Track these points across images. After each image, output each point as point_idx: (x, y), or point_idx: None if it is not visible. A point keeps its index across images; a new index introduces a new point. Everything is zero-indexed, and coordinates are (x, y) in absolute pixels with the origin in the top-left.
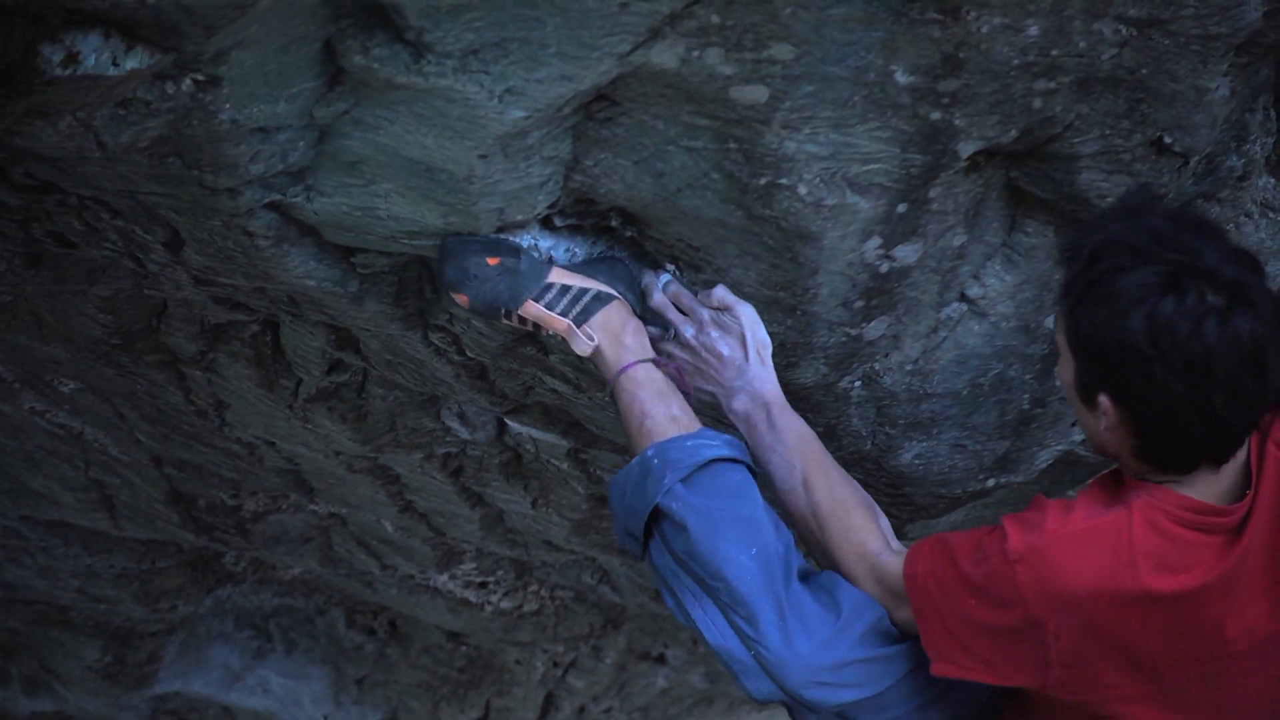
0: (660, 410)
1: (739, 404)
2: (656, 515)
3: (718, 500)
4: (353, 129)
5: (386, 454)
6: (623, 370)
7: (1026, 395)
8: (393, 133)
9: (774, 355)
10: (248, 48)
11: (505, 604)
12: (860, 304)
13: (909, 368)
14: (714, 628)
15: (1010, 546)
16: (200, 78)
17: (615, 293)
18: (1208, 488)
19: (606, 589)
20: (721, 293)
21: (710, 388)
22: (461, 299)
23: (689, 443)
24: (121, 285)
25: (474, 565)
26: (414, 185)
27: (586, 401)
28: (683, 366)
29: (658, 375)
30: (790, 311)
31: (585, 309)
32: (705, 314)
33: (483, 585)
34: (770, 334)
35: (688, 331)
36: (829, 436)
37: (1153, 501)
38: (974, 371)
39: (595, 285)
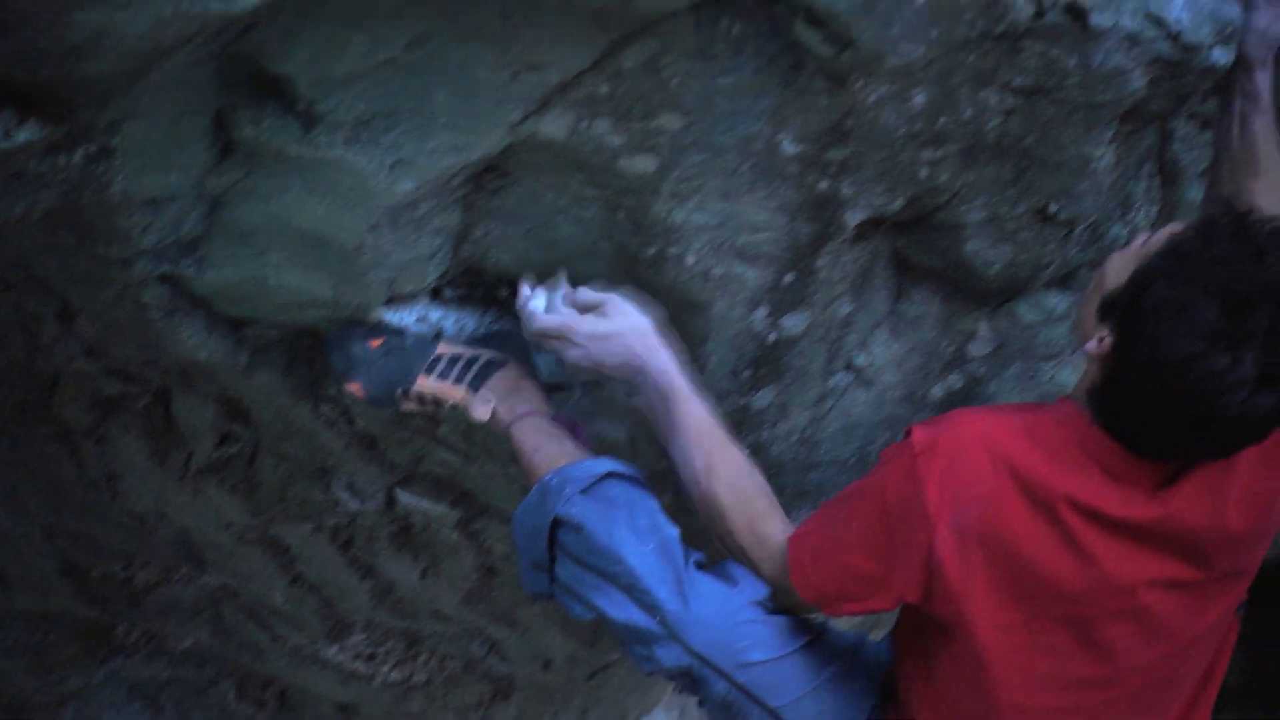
0: (555, 446)
1: (641, 400)
2: (555, 531)
3: (616, 507)
4: (244, 200)
5: (277, 525)
6: (518, 417)
7: None
8: (284, 203)
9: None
10: (140, 119)
11: (395, 675)
12: (748, 373)
13: (796, 437)
14: (618, 607)
15: (914, 440)
16: (93, 149)
17: (508, 357)
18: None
19: (496, 659)
20: (585, 295)
21: (620, 390)
22: (355, 388)
23: (586, 463)
24: (13, 356)
25: (364, 636)
26: (305, 256)
27: (476, 471)
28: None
29: (550, 423)
30: None
31: (479, 374)
32: (580, 328)
33: (372, 656)
34: None
35: (573, 354)
36: None
37: (1080, 427)
38: (861, 440)
39: (486, 352)
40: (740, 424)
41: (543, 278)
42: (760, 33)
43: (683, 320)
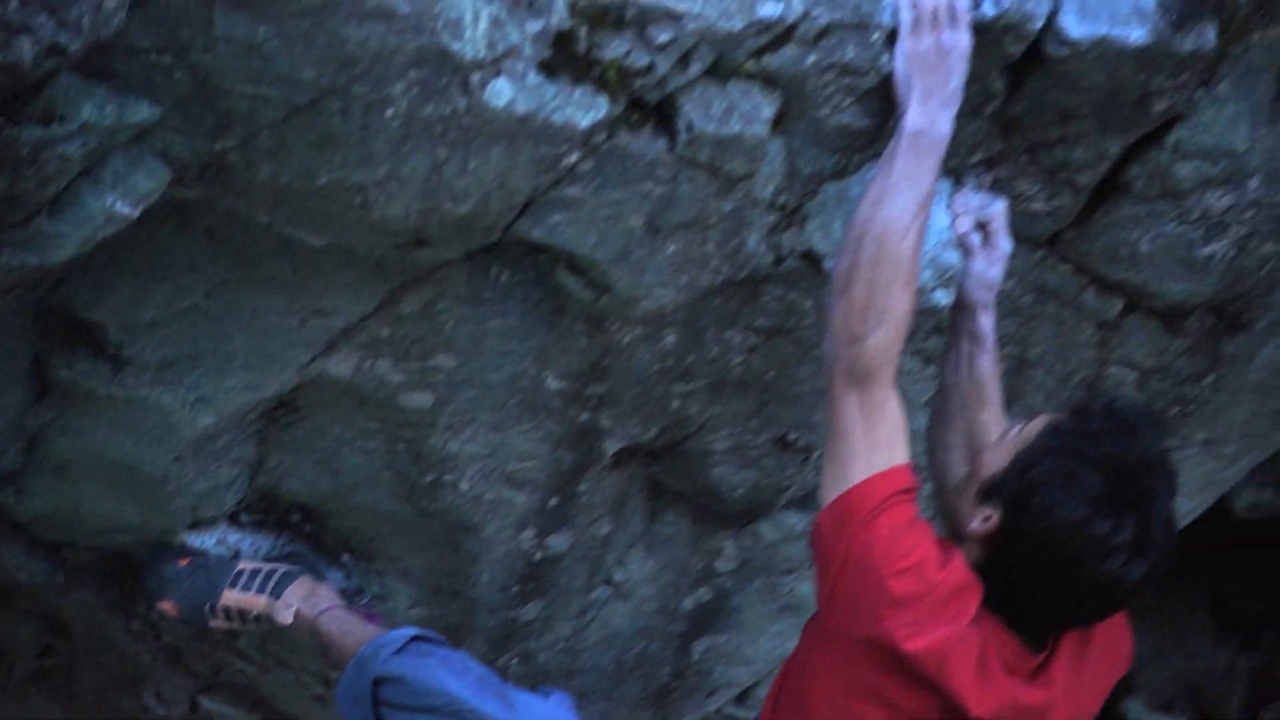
0: (360, 629)
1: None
2: (378, 690)
3: (431, 656)
4: (59, 435)
5: None
6: (321, 613)
7: (667, 669)
8: (96, 438)
9: (442, 634)
10: None
11: None
12: (516, 589)
13: (560, 646)
14: None
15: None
16: None
17: (304, 569)
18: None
19: None
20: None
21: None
22: (168, 606)
23: (393, 632)
24: None
25: None
26: (115, 486)
27: (270, 680)
28: None
29: (350, 613)
30: (454, 597)
31: (278, 584)
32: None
33: None
34: (434, 618)
35: (924, 41)
36: None
37: (992, 636)
38: (619, 649)
39: (283, 565)
40: (508, 635)
41: (326, 502)
42: (526, 280)
43: (456, 541)
